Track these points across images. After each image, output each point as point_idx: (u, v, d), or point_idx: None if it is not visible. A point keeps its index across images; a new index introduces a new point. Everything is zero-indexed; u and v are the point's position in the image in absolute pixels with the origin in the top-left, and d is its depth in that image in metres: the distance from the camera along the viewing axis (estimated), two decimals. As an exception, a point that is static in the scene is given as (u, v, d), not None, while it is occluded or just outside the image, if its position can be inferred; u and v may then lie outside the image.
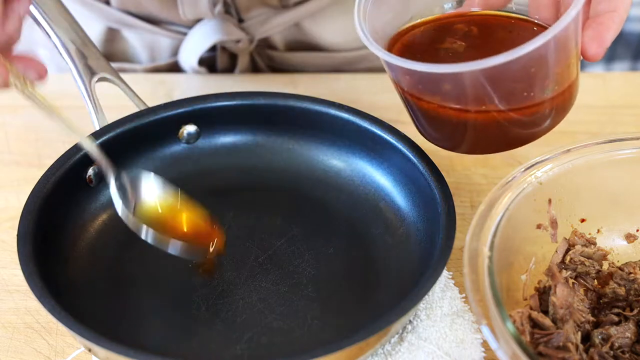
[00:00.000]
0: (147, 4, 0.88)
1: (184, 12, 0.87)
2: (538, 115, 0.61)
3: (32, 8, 0.72)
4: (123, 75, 0.76)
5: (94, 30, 0.92)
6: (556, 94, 0.61)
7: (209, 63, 0.94)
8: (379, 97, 0.87)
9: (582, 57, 0.61)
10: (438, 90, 0.60)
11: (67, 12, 0.74)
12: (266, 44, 0.94)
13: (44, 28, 0.72)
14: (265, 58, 0.95)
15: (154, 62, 0.95)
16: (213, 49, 0.93)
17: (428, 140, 0.66)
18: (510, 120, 0.61)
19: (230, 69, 0.95)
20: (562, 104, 0.62)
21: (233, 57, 0.94)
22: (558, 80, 0.60)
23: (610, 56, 1.84)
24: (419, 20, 0.67)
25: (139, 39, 0.94)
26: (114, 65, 0.93)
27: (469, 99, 0.59)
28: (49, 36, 0.72)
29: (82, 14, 0.91)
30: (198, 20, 0.90)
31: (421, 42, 0.66)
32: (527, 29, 0.65)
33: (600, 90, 0.90)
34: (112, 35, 0.94)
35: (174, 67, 0.94)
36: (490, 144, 0.64)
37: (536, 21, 0.65)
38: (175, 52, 0.94)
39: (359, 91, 0.90)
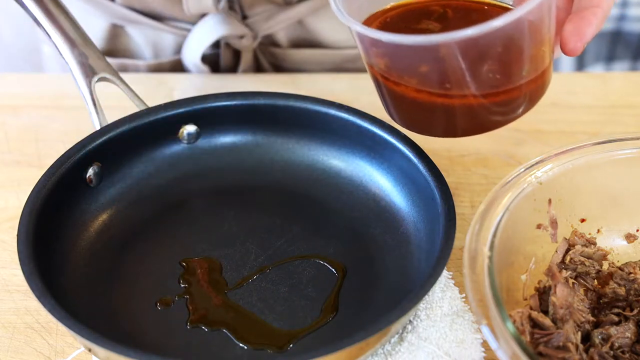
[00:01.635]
0: (151, 0, 0.88)
1: (188, 8, 0.87)
2: (507, 100, 0.61)
3: (32, 7, 0.72)
4: (124, 75, 0.76)
5: (98, 26, 0.93)
6: (528, 80, 0.60)
7: (212, 61, 0.94)
8: (378, 97, 0.86)
9: (562, 52, 0.60)
10: (408, 67, 0.60)
11: (68, 12, 0.74)
12: (269, 41, 0.95)
13: (44, 27, 0.72)
14: (268, 55, 0.96)
15: (157, 59, 0.95)
16: (216, 46, 0.93)
17: (398, 123, 0.66)
18: (478, 103, 0.60)
19: (233, 67, 0.95)
20: (534, 90, 0.62)
21: (236, 55, 0.94)
22: (530, 65, 0.60)
23: (610, 56, 1.84)
24: (395, 3, 0.67)
25: (142, 36, 0.94)
26: (117, 61, 0.93)
27: (438, 76, 0.59)
28: (49, 36, 0.72)
29: (86, 11, 0.91)
30: (202, 17, 0.90)
31: (396, 23, 0.65)
32: (502, 14, 0.65)
33: (600, 90, 0.90)
34: (115, 31, 0.94)
35: (177, 65, 0.95)
36: (459, 127, 0.64)
37: (510, 7, 0.65)
38: (178, 49, 0.94)
39: (359, 91, 0.89)
